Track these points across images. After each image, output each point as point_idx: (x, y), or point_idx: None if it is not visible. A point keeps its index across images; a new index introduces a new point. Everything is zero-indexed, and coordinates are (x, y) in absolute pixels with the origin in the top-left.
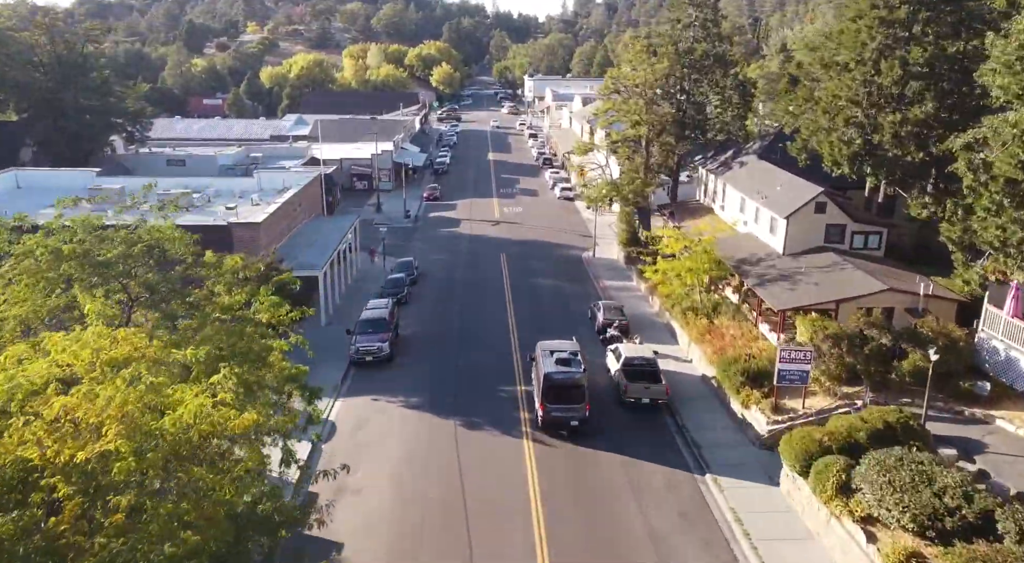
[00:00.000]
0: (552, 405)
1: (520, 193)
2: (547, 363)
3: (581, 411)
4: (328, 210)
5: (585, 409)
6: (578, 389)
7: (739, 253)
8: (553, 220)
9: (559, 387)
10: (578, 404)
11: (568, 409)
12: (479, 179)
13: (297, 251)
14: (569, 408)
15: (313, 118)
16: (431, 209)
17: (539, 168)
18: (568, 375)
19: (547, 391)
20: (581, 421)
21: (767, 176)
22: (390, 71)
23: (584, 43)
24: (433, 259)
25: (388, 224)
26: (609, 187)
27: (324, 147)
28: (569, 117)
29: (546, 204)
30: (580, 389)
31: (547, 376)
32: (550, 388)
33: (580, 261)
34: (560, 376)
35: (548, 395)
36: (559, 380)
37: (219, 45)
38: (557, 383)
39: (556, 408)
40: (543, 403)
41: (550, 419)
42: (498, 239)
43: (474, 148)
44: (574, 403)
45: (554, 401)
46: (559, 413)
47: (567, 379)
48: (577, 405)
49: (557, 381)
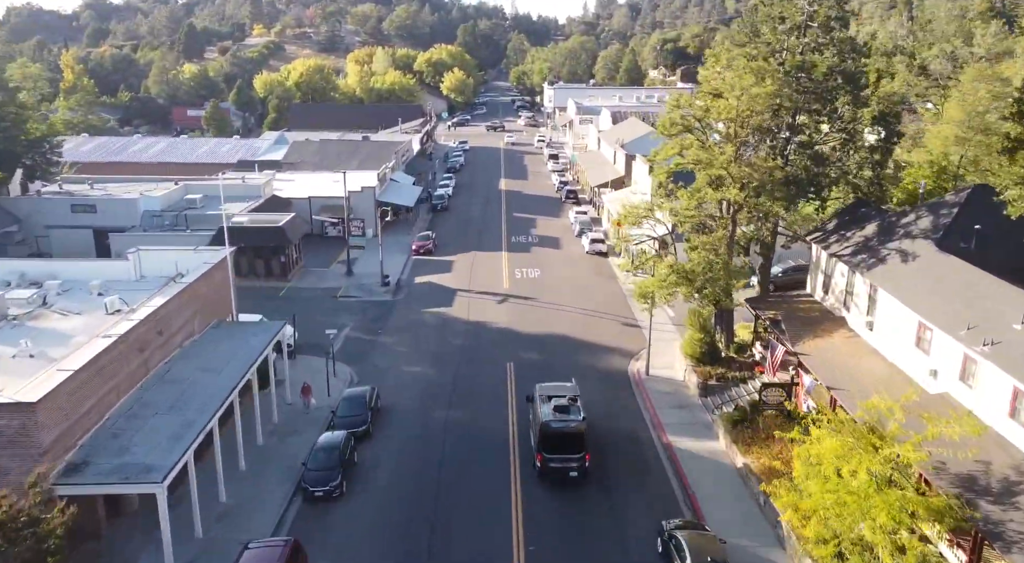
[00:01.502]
0: (550, 455)
1: (537, 243)
2: (544, 410)
3: (580, 461)
4: (282, 272)
5: (585, 459)
6: (577, 438)
7: (954, 464)
8: (582, 292)
9: (557, 437)
10: (577, 454)
11: (566, 459)
12: (486, 221)
13: (133, 433)
14: (567, 458)
15: (296, 136)
16: (420, 268)
17: (561, 203)
18: (566, 424)
19: (544, 441)
20: (581, 471)
21: (977, 290)
22: (397, 78)
23: (609, 46)
24: (406, 376)
25: (357, 298)
26: (672, 275)
27: (296, 178)
28: (597, 137)
29: (571, 262)
30: (579, 438)
31: (544, 425)
32: (547, 438)
33: (627, 381)
34: (558, 425)
35: (545, 445)
36: (557, 429)
37: (222, 49)
38: (554, 433)
39: (554, 459)
40: (540, 454)
41: (548, 470)
42: (505, 332)
43: (483, 172)
44: (573, 453)
45: (552, 451)
46: (557, 464)
47: (565, 428)
48: (576, 455)
49: (554, 430)
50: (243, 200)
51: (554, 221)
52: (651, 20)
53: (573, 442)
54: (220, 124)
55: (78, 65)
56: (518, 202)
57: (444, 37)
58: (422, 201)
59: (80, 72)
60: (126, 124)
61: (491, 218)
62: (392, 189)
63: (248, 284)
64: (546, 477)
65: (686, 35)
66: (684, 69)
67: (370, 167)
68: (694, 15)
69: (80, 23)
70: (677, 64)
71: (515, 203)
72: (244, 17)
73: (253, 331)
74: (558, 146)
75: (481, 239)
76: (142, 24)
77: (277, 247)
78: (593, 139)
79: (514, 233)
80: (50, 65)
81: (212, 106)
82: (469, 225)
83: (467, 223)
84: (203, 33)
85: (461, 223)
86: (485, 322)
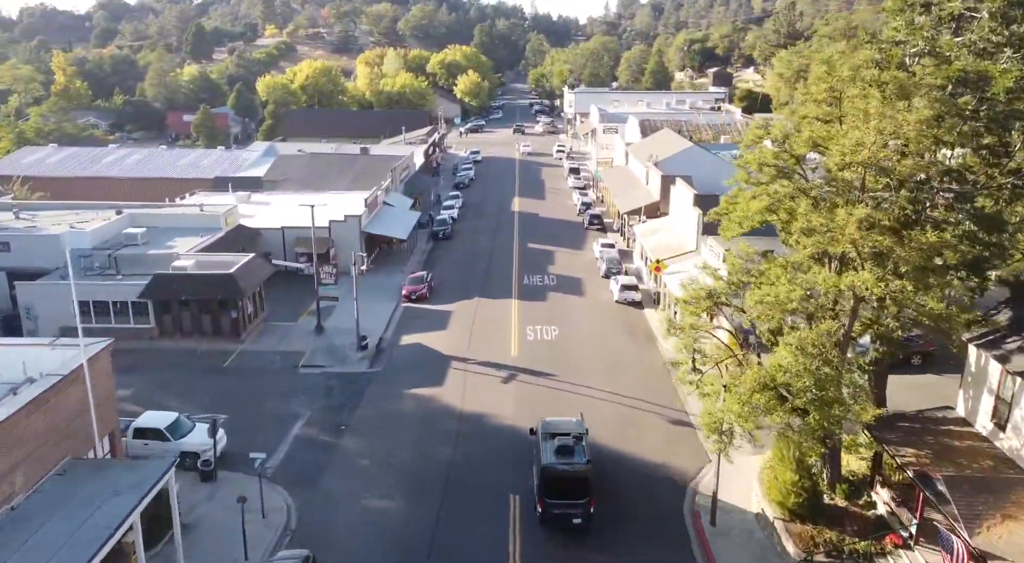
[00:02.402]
0: (552, 500)
1: (555, 286)
2: (547, 450)
3: (585, 507)
4: (233, 331)
5: (589, 504)
6: (581, 483)
7: None
8: (613, 364)
9: (559, 481)
10: (581, 500)
11: (570, 505)
12: (495, 254)
13: None
14: (571, 504)
15: (288, 148)
16: (409, 322)
17: (583, 229)
18: (570, 467)
19: (546, 485)
20: (585, 518)
21: None
22: (408, 80)
23: (633, 47)
24: (366, 521)
25: (324, 369)
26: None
27: (274, 200)
28: (625, 152)
29: (598, 314)
30: (584, 483)
31: (546, 469)
32: (549, 482)
33: (682, 532)
34: (561, 468)
35: (547, 490)
36: (559, 472)
37: (231, 50)
38: (557, 476)
39: (556, 504)
40: (541, 499)
41: (550, 517)
42: (511, 434)
43: (495, 189)
44: (577, 499)
45: (554, 496)
46: (559, 510)
47: (568, 472)
48: (580, 501)
49: (557, 473)
50: (198, 233)
51: (576, 255)
52: (675, 20)
53: (577, 487)
54: (212, 131)
55: (70, 67)
56: (533, 228)
57: (461, 38)
58: (422, 225)
59: (72, 74)
60: (118, 129)
61: (501, 250)
62: (384, 216)
63: (188, 348)
64: (547, 524)
65: (714, 35)
66: (716, 71)
67: (363, 186)
68: (720, 15)
69: (93, 23)
70: (705, 65)
71: (530, 229)
72: (257, 17)
73: (124, 478)
74: (579, 157)
75: (488, 280)
76: (152, 24)
77: (226, 300)
78: (620, 152)
79: (527, 271)
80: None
81: (203, 112)
82: (475, 260)
83: (472, 257)
84: (213, 33)
85: (465, 257)
86: (484, 415)
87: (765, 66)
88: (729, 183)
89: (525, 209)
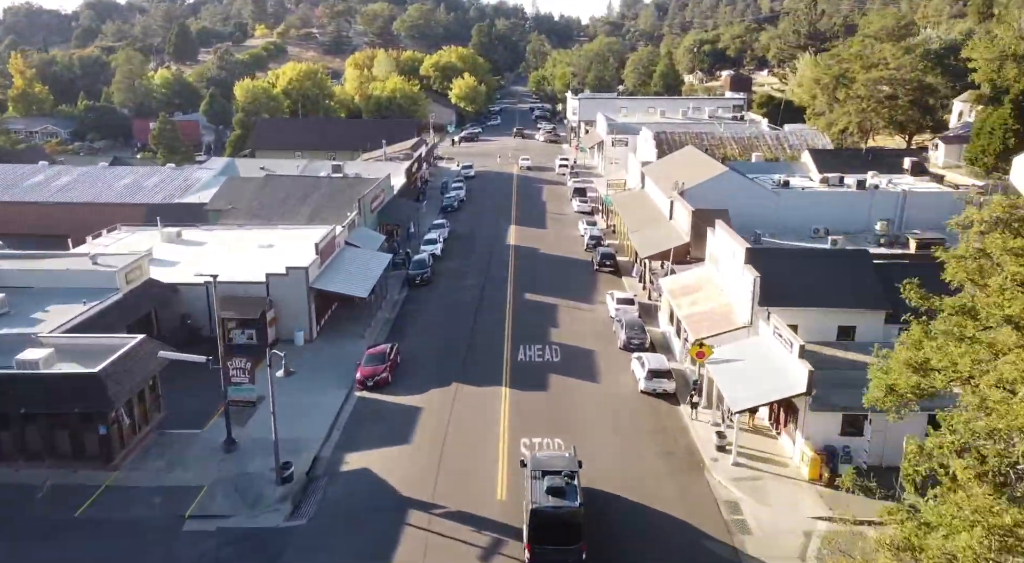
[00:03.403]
0: (540, 547)
1: (559, 363)
2: (536, 490)
3: (576, 553)
4: (102, 454)
5: (581, 550)
6: (573, 527)
7: None
8: (646, 518)
9: (549, 525)
10: (573, 545)
11: (560, 551)
12: (483, 311)
13: None
14: (562, 550)
15: (249, 165)
16: (360, 426)
17: (593, 272)
18: (560, 509)
19: (534, 530)
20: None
21: None
22: (399, 84)
23: (637, 48)
24: None
25: (221, 523)
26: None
27: (209, 239)
28: (640, 172)
29: (619, 419)
30: (575, 527)
31: (535, 512)
32: (538, 526)
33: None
34: (550, 510)
35: (536, 534)
36: (549, 515)
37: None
38: (546, 520)
39: (545, 550)
40: (529, 544)
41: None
42: None
43: (489, 214)
44: (568, 544)
45: (542, 541)
46: (549, 556)
47: (559, 515)
48: (571, 546)
49: (547, 516)
50: (84, 297)
51: (585, 312)
52: (680, 20)
53: (568, 531)
54: (173, 142)
55: (30, 69)
56: (532, 270)
57: (459, 39)
58: (397, 265)
59: (32, 77)
60: (79, 138)
61: (491, 304)
62: (343, 263)
63: (30, 482)
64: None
65: (725, 36)
66: (733, 75)
67: (326, 218)
68: (726, 15)
69: (80, 23)
70: (715, 68)
71: (528, 272)
72: (247, 17)
73: None
74: (585, 174)
75: (471, 352)
76: (137, 24)
77: (89, 413)
78: (633, 172)
79: (523, 339)
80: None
81: (162, 119)
82: (457, 319)
83: (454, 314)
84: (200, 33)
85: (446, 314)
86: None
87: (783, 68)
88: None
89: (523, 241)
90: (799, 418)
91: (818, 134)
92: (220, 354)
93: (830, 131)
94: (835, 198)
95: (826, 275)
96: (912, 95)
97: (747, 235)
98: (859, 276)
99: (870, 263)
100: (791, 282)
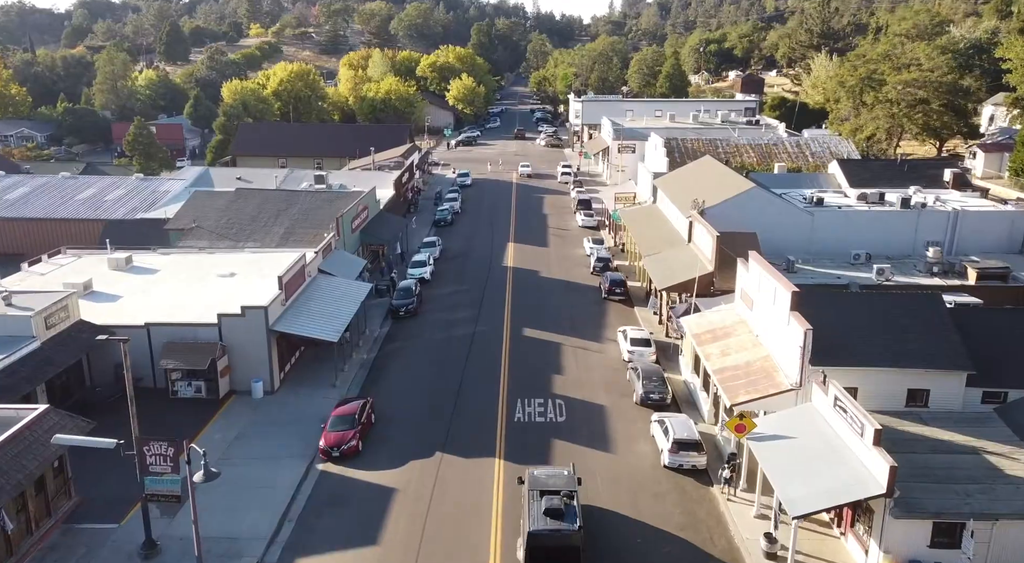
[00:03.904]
0: None
1: (564, 429)
2: (534, 511)
3: None
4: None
5: None
6: (571, 551)
7: None
8: None
9: (546, 550)
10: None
11: None
12: (475, 353)
13: None
14: None
15: (224, 175)
16: (320, 514)
17: (601, 300)
18: (558, 532)
19: (531, 554)
20: None
21: None
22: (394, 85)
23: (640, 47)
24: None
25: None
26: None
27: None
28: (652, 185)
29: (641, 505)
30: (574, 551)
31: (531, 535)
32: (534, 551)
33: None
34: (547, 533)
35: (532, 558)
36: (546, 538)
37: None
38: (543, 544)
39: None
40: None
41: None
42: None
43: (485, 229)
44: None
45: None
46: None
47: (556, 538)
48: None
49: (543, 540)
50: None
51: (593, 354)
52: (683, 19)
53: (566, 554)
54: (148, 148)
55: (5, 70)
56: (532, 300)
57: (459, 38)
58: (380, 293)
59: (7, 78)
60: (57, 142)
61: (485, 343)
62: (313, 298)
63: None
64: None
65: (732, 35)
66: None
67: (300, 239)
68: (730, 14)
69: (73, 22)
70: (722, 68)
71: (527, 302)
72: (242, 16)
73: None
74: (589, 182)
75: (460, 410)
76: (129, 23)
77: None
78: (643, 183)
79: (522, 390)
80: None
81: (137, 123)
82: (445, 362)
83: (442, 354)
84: (193, 33)
85: (433, 355)
86: None
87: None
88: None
89: (522, 263)
90: (874, 522)
91: (842, 141)
92: (134, 436)
93: (855, 137)
94: (877, 218)
95: (891, 324)
96: (944, 98)
97: (778, 262)
98: (932, 325)
99: (944, 308)
100: (850, 334)
